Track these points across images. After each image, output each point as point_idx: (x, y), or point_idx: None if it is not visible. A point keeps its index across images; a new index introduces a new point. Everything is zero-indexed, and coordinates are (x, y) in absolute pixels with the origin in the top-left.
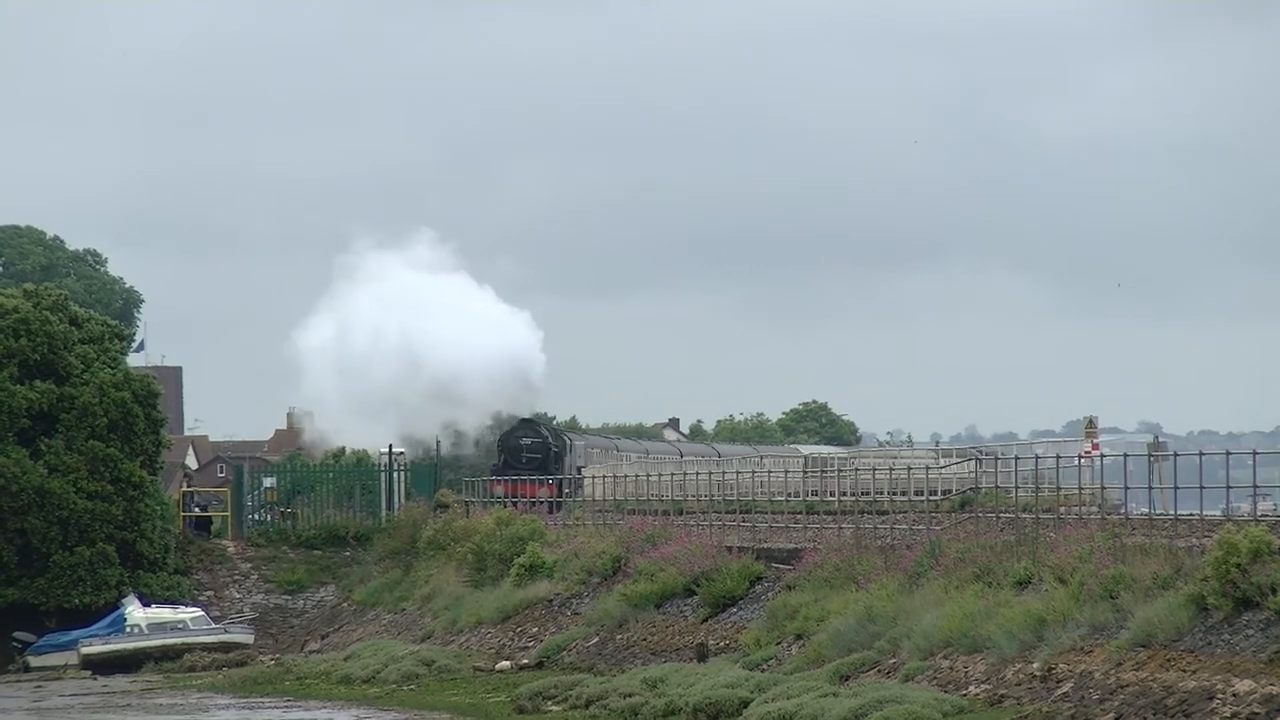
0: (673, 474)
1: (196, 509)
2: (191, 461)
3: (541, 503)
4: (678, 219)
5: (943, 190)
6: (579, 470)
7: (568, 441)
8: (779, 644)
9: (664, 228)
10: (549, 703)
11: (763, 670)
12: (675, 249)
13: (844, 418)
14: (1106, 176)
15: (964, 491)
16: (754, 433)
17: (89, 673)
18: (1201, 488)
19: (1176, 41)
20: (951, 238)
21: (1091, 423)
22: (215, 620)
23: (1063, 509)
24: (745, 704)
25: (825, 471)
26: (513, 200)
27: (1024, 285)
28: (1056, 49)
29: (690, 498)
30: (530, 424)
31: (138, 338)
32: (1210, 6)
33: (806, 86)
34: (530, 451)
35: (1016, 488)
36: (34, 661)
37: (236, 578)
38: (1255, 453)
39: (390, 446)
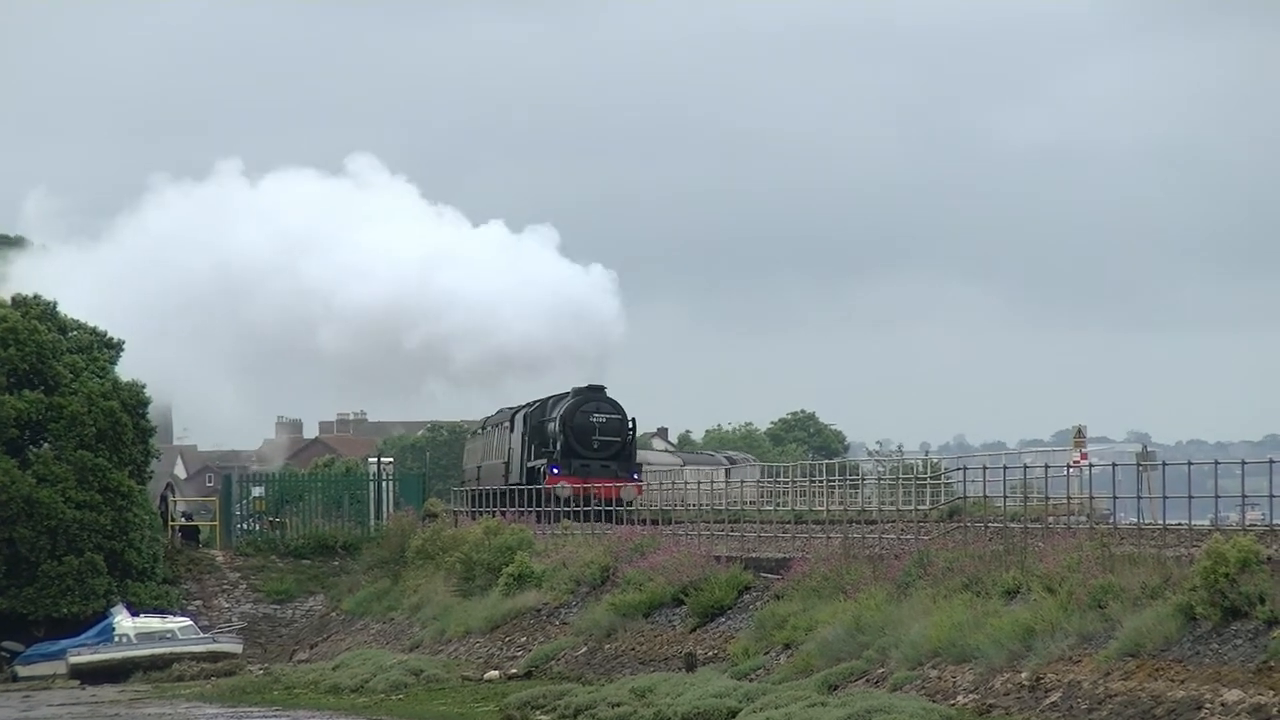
0: (660, 484)
1: (182, 518)
2: (180, 471)
3: (626, 508)
4: (652, 225)
5: (922, 198)
6: None
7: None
8: (767, 653)
9: (637, 234)
10: (537, 712)
11: (751, 680)
12: (649, 256)
13: (831, 427)
14: (1090, 184)
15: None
16: (742, 442)
17: (77, 682)
18: (1190, 497)
19: (1147, 47)
20: (932, 246)
21: (1080, 432)
22: (203, 630)
23: (1051, 518)
24: (733, 713)
25: None
26: (484, 206)
27: (1008, 294)
28: (1027, 54)
29: (678, 506)
30: (601, 394)
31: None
32: (1180, 11)
33: (772, 94)
34: (605, 433)
35: (1005, 497)
36: (22, 671)
37: (225, 587)
38: (1244, 462)
39: (379, 456)
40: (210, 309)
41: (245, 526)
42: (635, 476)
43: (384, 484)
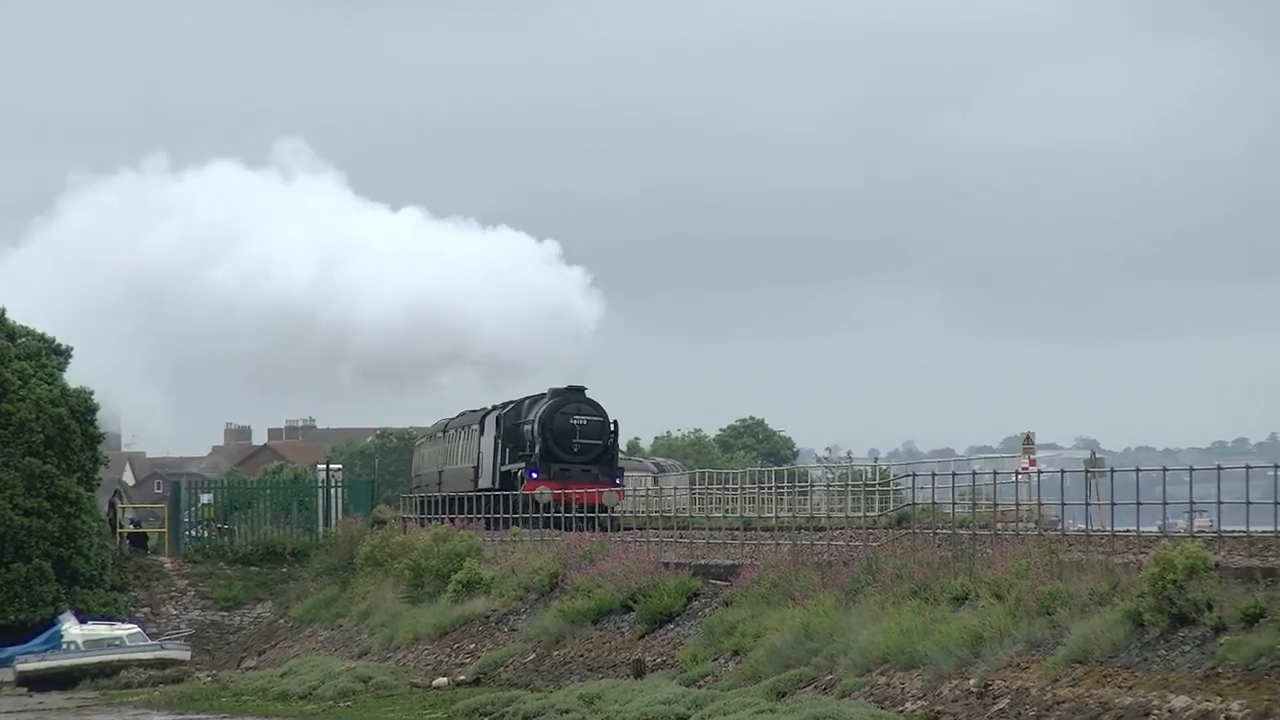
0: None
1: (130, 524)
2: (129, 478)
3: (608, 516)
4: (600, 229)
5: (872, 205)
6: None
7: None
8: (716, 660)
9: (586, 237)
10: (486, 719)
11: (699, 686)
12: (597, 260)
13: (781, 434)
14: (1040, 193)
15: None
16: (691, 449)
17: (24, 689)
18: (1138, 504)
19: (1106, 53)
20: (881, 253)
21: (1029, 439)
22: (152, 637)
23: (1000, 525)
24: None
25: None
26: (440, 206)
27: (957, 302)
28: (986, 59)
29: (628, 513)
30: (581, 395)
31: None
32: (1137, 20)
33: (729, 101)
34: (586, 436)
35: (954, 504)
36: None
37: (173, 594)
38: (1192, 469)
39: (328, 462)
40: (137, 312)
41: (194, 533)
42: (617, 481)
43: (332, 491)
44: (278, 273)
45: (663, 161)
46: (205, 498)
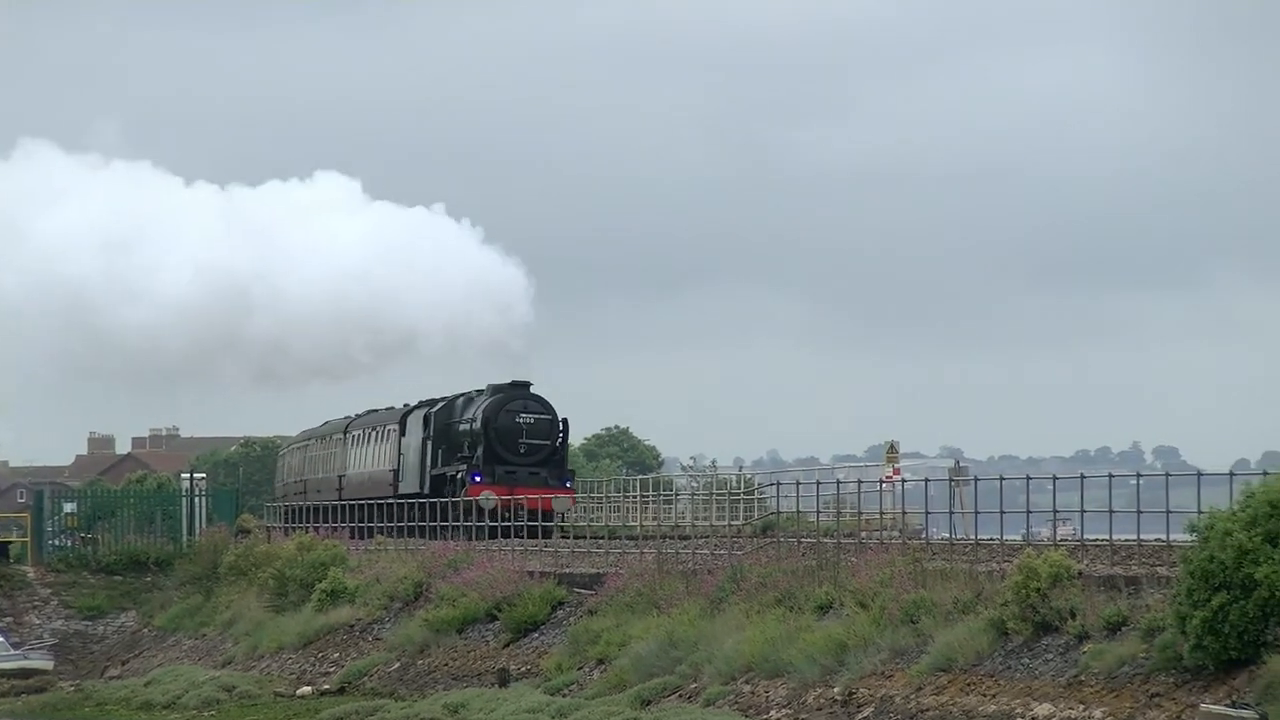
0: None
1: None
2: None
3: (559, 523)
4: None
5: (737, 213)
6: None
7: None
8: (581, 669)
9: None
10: None
11: (564, 695)
12: None
13: (645, 442)
14: (904, 202)
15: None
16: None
17: None
18: (1002, 512)
19: (970, 63)
20: (746, 261)
21: (893, 447)
22: (14, 646)
23: (864, 533)
24: None
25: None
26: None
27: (821, 311)
28: (852, 69)
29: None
30: (526, 391)
31: None
32: (988, 32)
33: (582, 109)
34: (533, 435)
35: (819, 512)
36: None
37: (36, 603)
38: (1055, 477)
39: (192, 471)
40: None
41: (57, 542)
42: (568, 484)
43: (196, 499)
44: (64, 268)
45: (518, 165)
46: (69, 506)
